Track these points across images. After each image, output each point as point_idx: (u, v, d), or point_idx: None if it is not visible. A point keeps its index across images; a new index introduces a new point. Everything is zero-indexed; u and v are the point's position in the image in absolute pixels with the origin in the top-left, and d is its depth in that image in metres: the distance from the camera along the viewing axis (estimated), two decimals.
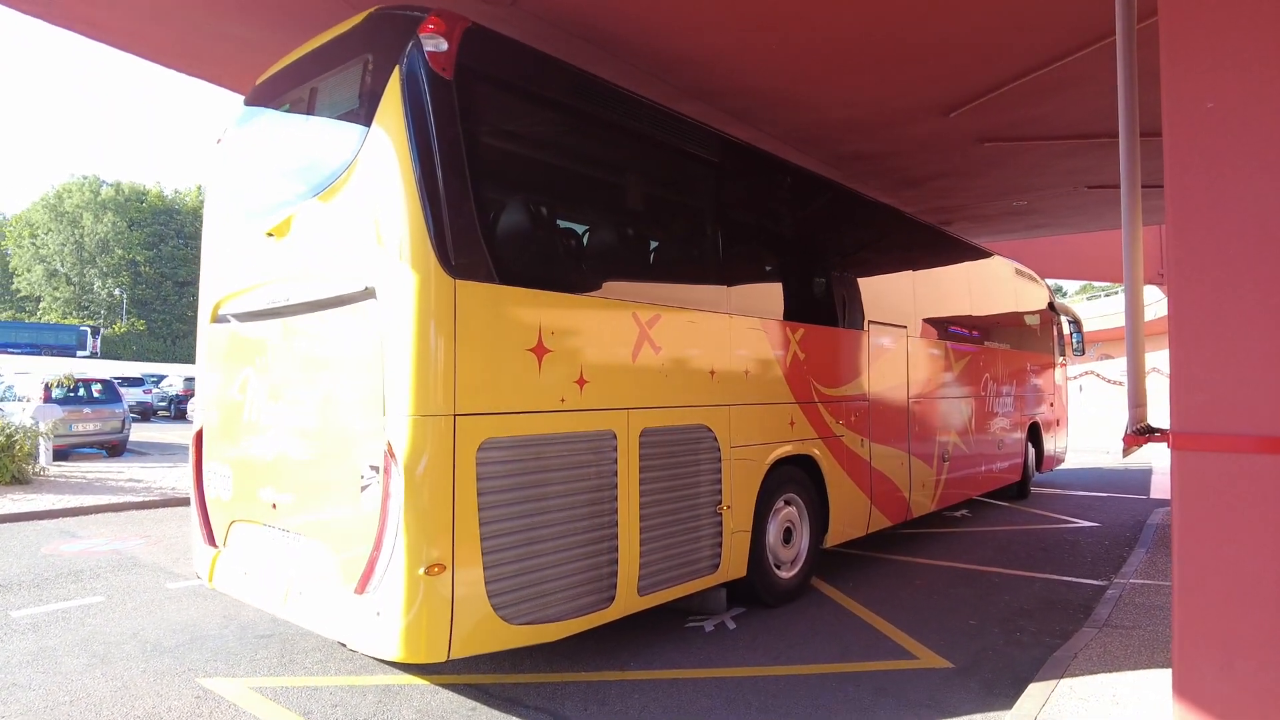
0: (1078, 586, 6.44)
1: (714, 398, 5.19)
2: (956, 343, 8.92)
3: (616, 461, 4.41)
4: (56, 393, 14.77)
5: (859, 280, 7.39)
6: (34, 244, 67.24)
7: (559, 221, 4.30)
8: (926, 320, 8.23)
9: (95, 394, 15.61)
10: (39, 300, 67.85)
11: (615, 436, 4.41)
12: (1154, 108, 3.08)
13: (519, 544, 3.84)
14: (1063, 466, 13.34)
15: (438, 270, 3.55)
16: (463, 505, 3.60)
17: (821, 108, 6.92)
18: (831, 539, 6.51)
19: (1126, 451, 3.24)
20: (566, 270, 4.43)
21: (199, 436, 5.02)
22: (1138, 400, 3.35)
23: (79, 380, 15.33)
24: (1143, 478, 13.71)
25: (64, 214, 66.95)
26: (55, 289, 67.23)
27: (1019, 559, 7.44)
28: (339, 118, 4.05)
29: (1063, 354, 12.87)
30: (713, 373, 5.19)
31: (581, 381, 4.21)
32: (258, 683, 4.37)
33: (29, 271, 67.49)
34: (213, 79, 6.09)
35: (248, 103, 4.92)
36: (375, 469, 3.61)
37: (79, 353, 39.15)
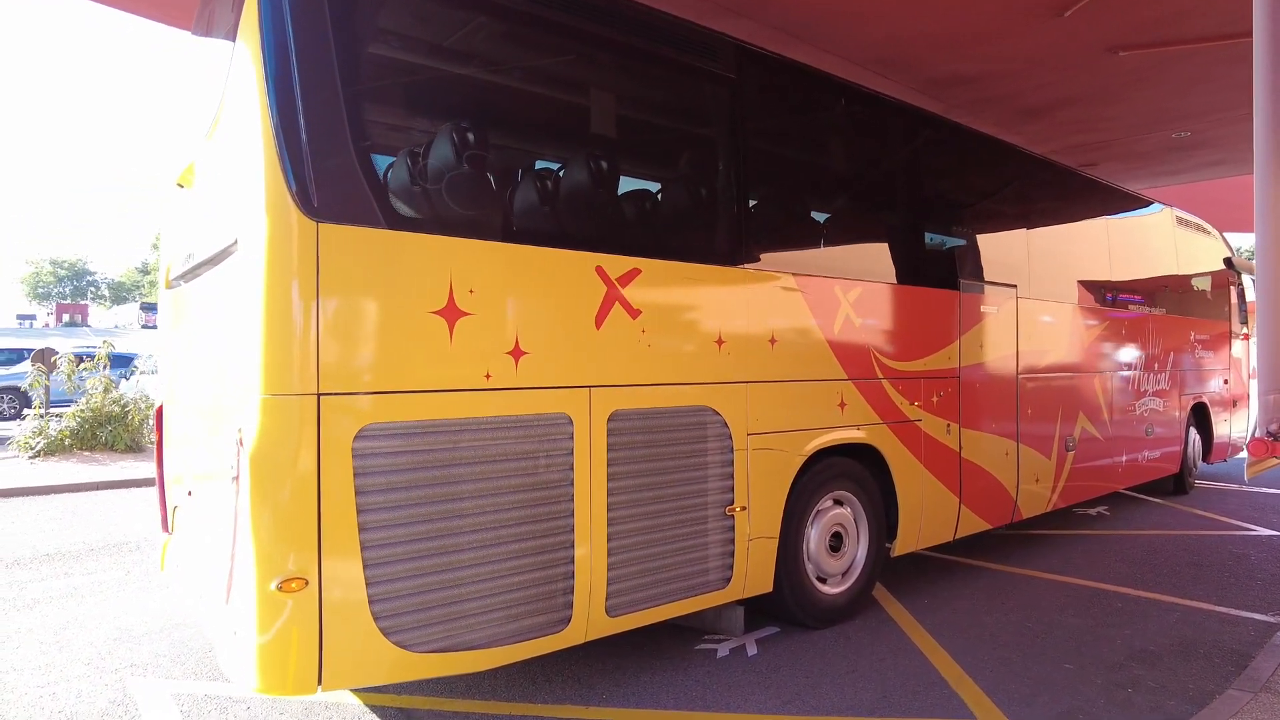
0: (1235, 622, 4.91)
1: (722, 373, 4.19)
2: (1089, 306, 7.29)
3: (572, 452, 3.55)
4: None
5: (946, 226, 6.06)
6: None
7: (483, 151, 3.45)
8: (1045, 278, 6.71)
9: None
10: None
11: (570, 421, 3.55)
12: None
13: (421, 554, 3.09)
14: (1241, 456, 11.03)
15: (294, 212, 2.82)
16: (334, 506, 2.88)
17: (894, 19, 5.60)
18: (902, 546, 5.34)
19: (1254, 467, 2.02)
20: (490, 211, 3.57)
21: (159, 413, 4.65)
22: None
23: None
24: None
25: None
26: None
27: (1158, 577, 5.90)
28: (222, 38, 3.40)
29: (1244, 322, 10.57)
30: (720, 342, 4.19)
31: (517, 353, 3.38)
32: (186, 688, 3.93)
33: None
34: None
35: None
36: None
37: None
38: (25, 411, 13.69)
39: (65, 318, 68.81)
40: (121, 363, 16.02)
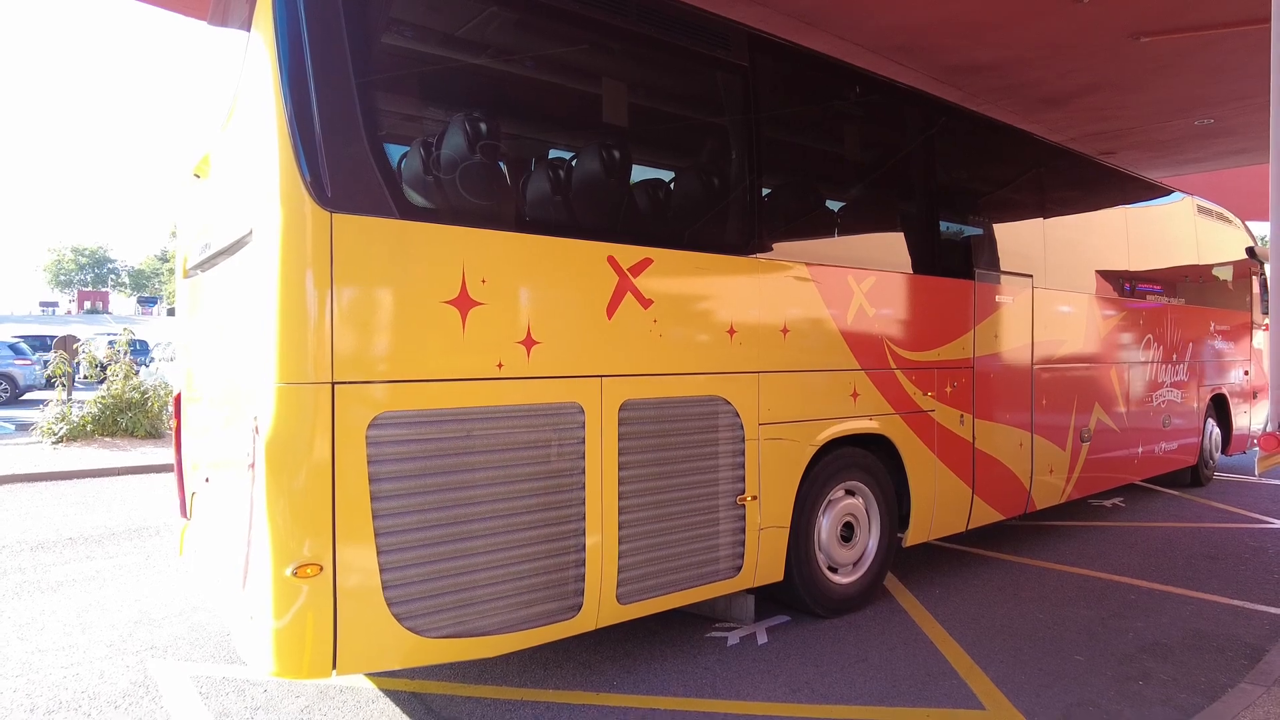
0: (1250, 615, 4.88)
1: (734, 363, 4.20)
2: (1106, 296, 7.22)
3: (584, 440, 3.57)
4: None
5: (961, 215, 6.01)
6: None
7: (495, 141, 3.46)
8: (1061, 268, 6.65)
9: None
10: None
11: (582, 410, 3.57)
12: None
13: (433, 541, 3.13)
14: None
15: (308, 202, 2.84)
16: (348, 494, 2.92)
17: (909, 4, 5.53)
18: (914, 536, 5.33)
19: (1265, 462, 2.00)
20: (502, 201, 3.58)
21: (178, 400, 4.72)
22: None
23: None
24: None
25: None
26: None
27: (1173, 569, 5.86)
28: (237, 28, 3.42)
29: (1266, 312, 10.43)
30: (732, 332, 4.19)
31: (529, 342, 3.40)
32: (206, 670, 4.01)
33: None
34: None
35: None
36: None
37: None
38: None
39: (87, 305, 69.81)
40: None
